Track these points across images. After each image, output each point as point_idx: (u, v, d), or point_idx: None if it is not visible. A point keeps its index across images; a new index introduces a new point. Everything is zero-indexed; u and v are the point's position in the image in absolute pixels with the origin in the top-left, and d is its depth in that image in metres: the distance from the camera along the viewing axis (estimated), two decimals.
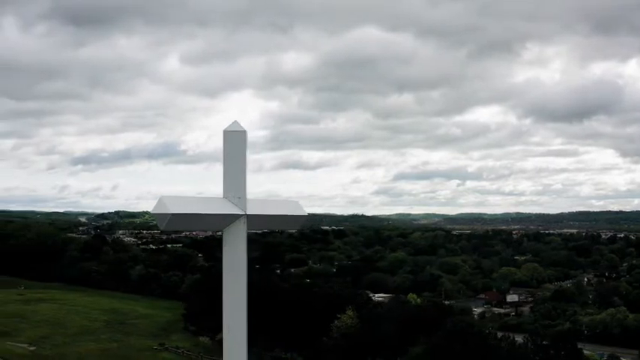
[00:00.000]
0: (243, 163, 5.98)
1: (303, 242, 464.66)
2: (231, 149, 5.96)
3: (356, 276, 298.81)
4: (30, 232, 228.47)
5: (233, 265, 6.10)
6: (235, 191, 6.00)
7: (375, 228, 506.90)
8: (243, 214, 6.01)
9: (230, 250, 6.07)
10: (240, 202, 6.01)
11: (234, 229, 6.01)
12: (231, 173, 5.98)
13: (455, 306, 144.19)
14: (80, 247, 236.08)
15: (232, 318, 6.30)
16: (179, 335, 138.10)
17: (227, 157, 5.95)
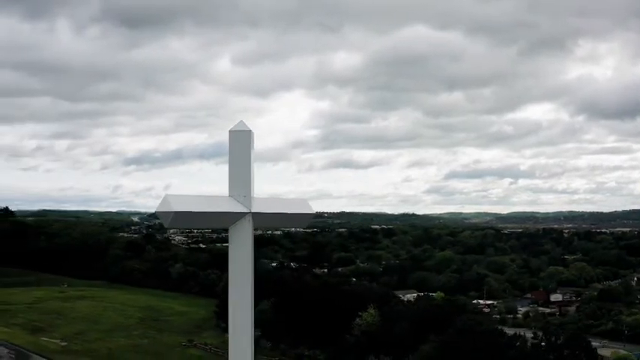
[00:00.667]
0: (248, 162, 6.04)
1: (352, 241, 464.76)
2: (237, 149, 6.06)
3: (402, 275, 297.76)
4: (74, 231, 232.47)
5: (239, 262, 6.20)
6: (241, 190, 6.07)
7: (425, 227, 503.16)
8: (248, 212, 6.09)
9: (236, 248, 6.19)
10: (245, 201, 6.07)
11: (240, 226, 6.11)
12: (236, 172, 6.07)
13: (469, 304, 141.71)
14: (123, 246, 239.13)
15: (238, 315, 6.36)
16: (210, 332, 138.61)
17: (232, 157, 6.07)
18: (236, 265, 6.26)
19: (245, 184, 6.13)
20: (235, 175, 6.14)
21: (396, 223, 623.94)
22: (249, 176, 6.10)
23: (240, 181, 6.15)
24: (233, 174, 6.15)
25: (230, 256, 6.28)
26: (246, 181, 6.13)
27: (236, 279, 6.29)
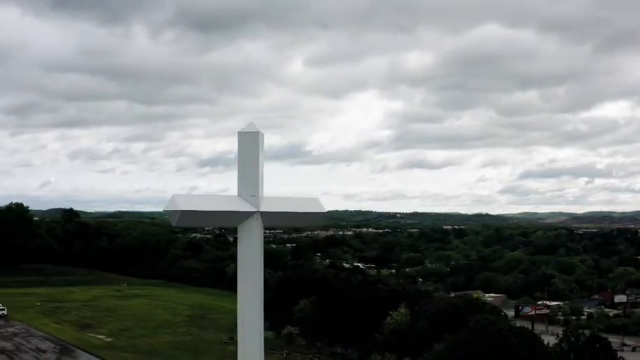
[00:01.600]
0: (256, 162, 6.14)
1: (422, 242, 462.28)
2: (246, 150, 6.15)
3: (469, 275, 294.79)
4: (135, 232, 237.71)
5: (248, 260, 6.26)
6: (249, 189, 6.15)
7: (497, 227, 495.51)
8: (256, 211, 6.16)
9: (245, 246, 6.25)
10: (254, 200, 6.15)
11: (248, 225, 6.19)
12: (245, 172, 6.15)
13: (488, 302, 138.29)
14: (183, 246, 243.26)
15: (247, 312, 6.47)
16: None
17: (241, 157, 6.16)
18: (245, 262, 6.33)
19: (253, 183, 6.20)
20: (244, 175, 6.23)
21: (469, 223, 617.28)
22: (257, 176, 6.18)
23: (248, 181, 6.23)
24: (242, 174, 6.24)
25: (239, 254, 6.35)
26: (254, 180, 6.20)
27: (245, 277, 6.38)
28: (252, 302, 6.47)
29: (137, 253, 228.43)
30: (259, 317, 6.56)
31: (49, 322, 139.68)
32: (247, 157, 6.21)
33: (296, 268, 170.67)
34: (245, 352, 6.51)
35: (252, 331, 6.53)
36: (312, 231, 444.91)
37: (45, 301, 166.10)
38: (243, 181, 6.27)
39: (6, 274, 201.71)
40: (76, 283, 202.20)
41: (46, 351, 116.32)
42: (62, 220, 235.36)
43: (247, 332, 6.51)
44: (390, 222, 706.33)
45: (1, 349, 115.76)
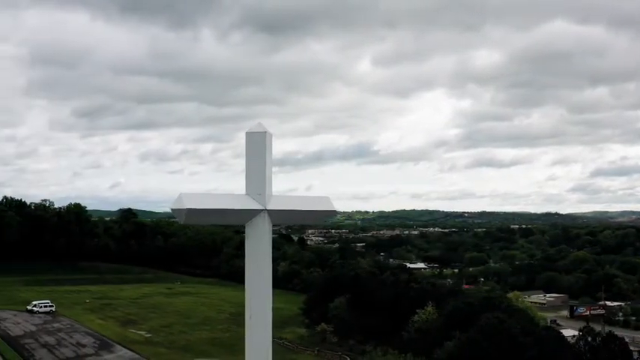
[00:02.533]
0: (263, 161, 6.26)
1: (487, 241, 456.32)
2: (253, 149, 6.30)
3: (530, 275, 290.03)
4: (190, 231, 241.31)
5: (255, 257, 6.38)
6: (257, 188, 6.27)
7: (564, 226, 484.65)
8: (263, 209, 6.27)
9: (252, 244, 6.36)
10: (261, 198, 6.26)
11: (256, 223, 6.30)
12: (252, 171, 6.28)
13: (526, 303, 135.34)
14: (236, 244, 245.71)
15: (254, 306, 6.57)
16: (292, 327, 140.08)
17: (249, 157, 6.30)
18: (253, 260, 6.43)
19: (260, 182, 6.28)
20: (251, 174, 6.32)
21: (538, 222, 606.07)
22: (264, 175, 6.27)
23: (255, 180, 6.31)
24: (249, 173, 6.33)
25: (247, 252, 6.43)
26: (261, 179, 6.29)
27: (253, 272, 6.48)
28: (260, 297, 6.58)
29: (191, 252, 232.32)
30: (266, 311, 6.67)
31: (94, 318, 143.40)
32: (255, 156, 6.32)
33: (338, 268, 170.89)
34: (252, 345, 6.63)
35: (259, 324, 6.60)
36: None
37: (95, 298, 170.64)
38: (251, 179, 6.35)
39: (63, 272, 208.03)
40: (130, 281, 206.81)
41: (86, 345, 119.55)
42: (120, 220, 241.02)
43: (254, 326, 6.56)
44: (458, 222, 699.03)
45: (43, 344, 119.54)
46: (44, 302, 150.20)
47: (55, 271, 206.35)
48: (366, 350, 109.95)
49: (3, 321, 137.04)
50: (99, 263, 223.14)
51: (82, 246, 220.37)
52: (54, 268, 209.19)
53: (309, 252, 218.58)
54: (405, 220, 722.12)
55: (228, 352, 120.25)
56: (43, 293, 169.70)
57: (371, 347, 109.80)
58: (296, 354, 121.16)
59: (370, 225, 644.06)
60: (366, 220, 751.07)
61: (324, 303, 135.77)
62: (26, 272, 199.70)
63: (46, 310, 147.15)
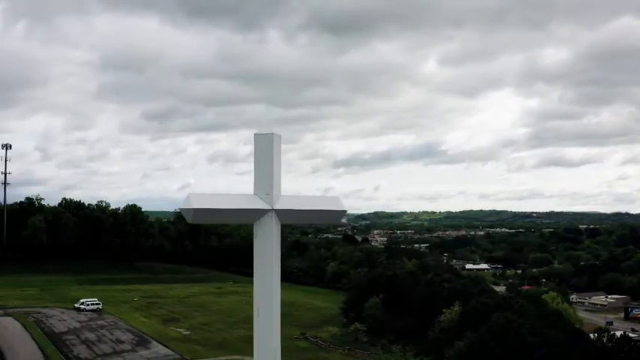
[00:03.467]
0: (270, 162, 6.41)
1: (552, 242, 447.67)
2: (261, 151, 6.44)
3: (593, 276, 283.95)
4: (243, 231, 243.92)
5: (263, 255, 6.63)
6: (264, 188, 6.41)
7: (632, 226, 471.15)
8: (271, 209, 6.41)
9: (260, 242, 6.59)
10: (268, 198, 6.39)
11: (264, 222, 6.47)
12: (260, 172, 6.43)
13: None
14: (289, 245, 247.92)
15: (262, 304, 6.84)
16: (331, 327, 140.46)
17: (258, 158, 6.46)
18: (261, 259, 6.65)
19: (268, 182, 6.41)
20: (260, 175, 6.45)
21: (608, 222, 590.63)
22: (271, 175, 6.40)
23: (263, 180, 6.43)
24: (257, 173, 6.47)
25: (255, 251, 6.63)
26: (268, 179, 6.41)
27: (261, 271, 6.73)
28: (268, 294, 6.79)
29: (244, 253, 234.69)
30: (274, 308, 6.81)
31: (138, 316, 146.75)
32: (262, 157, 6.43)
33: (380, 268, 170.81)
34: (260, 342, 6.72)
35: (267, 322, 6.74)
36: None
37: (144, 297, 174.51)
38: (259, 180, 6.45)
39: (118, 271, 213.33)
40: (182, 281, 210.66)
41: (124, 342, 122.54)
42: (175, 221, 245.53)
43: (262, 323, 6.74)
44: (525, 222, 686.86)
45: (84, 340, 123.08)
46: (91, 300, 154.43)
47: (110, 271, 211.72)
48: (392, 350, 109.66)
49: (50, 318, 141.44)
50: (154, 263, 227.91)
51: (137, 246, 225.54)
52: (109, 268, 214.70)
53: (359, 252, 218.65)
54: (472, 220, 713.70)
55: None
56: (94, 292, 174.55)
57: (397, 347, 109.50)
58: (327, 353, 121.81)
59: (437, 225, 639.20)
60: (433, 220, 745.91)
61: (361, 303, 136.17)
62: (81, 272, 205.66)
63: (93, 307, 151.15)
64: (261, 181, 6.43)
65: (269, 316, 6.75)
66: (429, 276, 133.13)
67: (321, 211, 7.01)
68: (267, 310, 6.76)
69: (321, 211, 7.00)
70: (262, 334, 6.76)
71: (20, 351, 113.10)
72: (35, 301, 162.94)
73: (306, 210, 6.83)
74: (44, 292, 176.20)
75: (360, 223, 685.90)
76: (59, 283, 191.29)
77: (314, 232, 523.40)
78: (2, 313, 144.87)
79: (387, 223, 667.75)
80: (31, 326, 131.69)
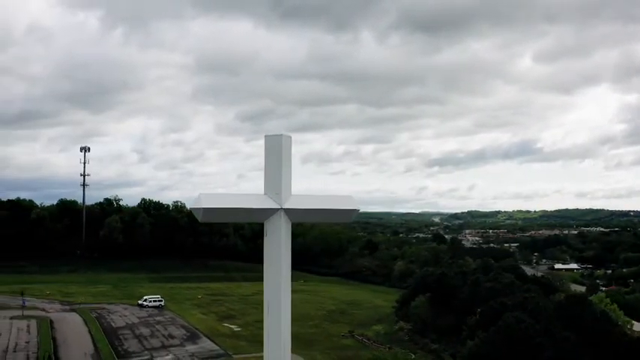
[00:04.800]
0: (280, 162, 6.54)
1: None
2: (271, 151, 6.56)
3: None
4: (315, 231, 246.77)
5: (273, 253, 6.66)
6: (274, 188, 6.51)
7: None
8: (280, 208, 6.51)
9: (270, 241, 6.65)
10: (278, 197, 6.49)
11: (273, 221, 6.57)
12: (270, 172, 6.54)
13: None
14: (361, 244, 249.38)
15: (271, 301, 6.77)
16: (382, 325, 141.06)
17: (268, 159, 6.56)
18: (270, 256, 6.69)
19: (277, 182, 6.52)
20: (270, 175, 6.56)
21: None
22: (280, 175, 6.51)
23: (273, 180, 6.54)
24: (268, 174, 6.57)
25: (265, 248, 6.70)
26: (277, 179, 6.52)
27: (270, 268, 6.73)
28: (276, 291, 6.73)
29: (316, 252, 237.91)
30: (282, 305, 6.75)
31: (197, 313, 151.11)
32: (272, 158, 6.56)
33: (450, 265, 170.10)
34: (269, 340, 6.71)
35: (276, 317, 6.69)
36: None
37: (209, 295, 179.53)
38: (269, 180, 6.56)
39: (191, 270, 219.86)
40: (253, 279, 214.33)
41: (175, 337, 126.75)
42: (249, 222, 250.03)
43: (271, 320, 6.70)
44: (622, 221, 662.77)
45: (137, 335, 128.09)
46: (154, 297, 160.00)
47: (183, 270, 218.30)
48: (432, 349, 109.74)
49: (112, 314, 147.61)
50: (227, 262, 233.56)
51: (210, 245, 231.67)
52: (183, 266, 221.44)
53: (426, 251, 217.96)
54: (568, 219, 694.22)
55: (303, 346, 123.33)
56: (163, 290, 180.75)
57: (436, 346, 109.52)
58: (369, 350, 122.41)
59: (530, 225, 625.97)
60: (528, 219, 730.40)
61: (410, 302, 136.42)
62: (155, 270, 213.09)
63: (155, 304, 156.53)
64: (271, 181, 6.52)
65: (278, 312, 6.64)
66: (476, 276, 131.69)
67: (332, 210, 7.04)
68: (277, 306, 6.65)
69: (331, 210, 7.03)
70: (272, 329, 6.63)
71: (73, 344, 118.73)
72: (104, 297, 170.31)
73: (316, 209, 6.88)
74: (116, 290, 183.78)
75: (453, 223, 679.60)
76: (132, 281, 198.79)
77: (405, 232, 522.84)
78: (68, 308, 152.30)
79: (480, 223, 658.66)
80: (91, 321, 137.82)
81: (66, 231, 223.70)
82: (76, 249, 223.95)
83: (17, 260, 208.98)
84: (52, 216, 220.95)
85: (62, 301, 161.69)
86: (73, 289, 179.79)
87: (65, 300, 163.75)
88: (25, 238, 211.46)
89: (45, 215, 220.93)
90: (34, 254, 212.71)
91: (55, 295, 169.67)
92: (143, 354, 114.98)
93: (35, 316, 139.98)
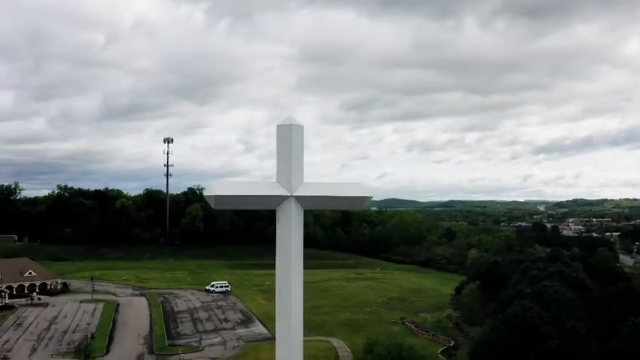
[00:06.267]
0: (290, 151, 6.66)
1: None
2: (282, 140, 6.72)
3: None
4: (395, 219, 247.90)
5: (284, 239, 6.78)
6: (285, 176, 6.64)
7: None
8: (289, 195, 6.61)
9: (281, 227, 6.74)
10: (288, 185, 6.62)
11: (284, 208, 6.64)
12: (282, 160, 6.69)
13: None
14: (441, 233, 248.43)
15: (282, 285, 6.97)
16: (437, 312, 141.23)
17: (280, 148, 6.71)
18: (282, 243, 6.82)
19: (288, 170, 6.66)
20: (281, 163, 6.70)
21: None
22: (291, 163, 6.66)
23: (284, 168, 6.67)
24: (280, 162, 6.71)
25: (277, 234, 6.80)
26: (288, 167, 6.66)
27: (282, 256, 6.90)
28: (287, 276, 6.93)
29: (395, 240, 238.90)
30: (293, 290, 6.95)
31: (259, 299, 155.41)
32: (283, 146, 6.71)
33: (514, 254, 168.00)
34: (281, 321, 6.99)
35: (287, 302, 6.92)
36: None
37: None
38: (281, 168, 6.70)
39: (271, 257, 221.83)
40: (329, 267, 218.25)
41: (230, 321, 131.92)
42: (330, 211, 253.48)
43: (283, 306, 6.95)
44: None
45: (195, 318, 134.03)
46: (221, 283, 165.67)
47: (262, 257, 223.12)
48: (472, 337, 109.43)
49: (178, 298, 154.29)
50: (305, 249, 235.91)
51: None
52: (262, 253, 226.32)
53: (499, 240, 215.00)
54: None
55: (351, 332, 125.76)
56: (237, 276, 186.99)
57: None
58: (413, 337, 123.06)
59: (638, 213, 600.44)
60: (635, 208, 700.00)
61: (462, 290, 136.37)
62: (234, 257, 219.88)
63: (222, 290, 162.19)
64: (283, 169, 6.68)
65: (288, 297, 6.87)
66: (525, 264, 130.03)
67: (342, 198, 7.08)
68: (287, 291, 6.89)
69: (342, 197, 7.08)
70: (282, 314, 6.92)
71: (131, 326, 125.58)
72: (176, 283, 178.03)
73: (327, 196, 6.95)
74: (191, 276, 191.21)
75: (558, 211, 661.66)
76: (211, 267, 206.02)
77: (507, 221, 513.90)
78: (138, 293, 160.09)
79: (586, 211, 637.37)
80: (155, 305, 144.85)
81: (150, 219, 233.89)
82: (159, 237, 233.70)
83: (101, 247, 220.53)
84: (137, 205, 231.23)
85: (135, 286, 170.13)
86: (150, 275, 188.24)
87: (138, 285, 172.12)
88: (110, 226, 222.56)
89: (129, 205, 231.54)
90: (118, 242, 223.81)
91: (130, 281, 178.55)
92: (193, 336, 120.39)
93: (104, 299, 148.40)
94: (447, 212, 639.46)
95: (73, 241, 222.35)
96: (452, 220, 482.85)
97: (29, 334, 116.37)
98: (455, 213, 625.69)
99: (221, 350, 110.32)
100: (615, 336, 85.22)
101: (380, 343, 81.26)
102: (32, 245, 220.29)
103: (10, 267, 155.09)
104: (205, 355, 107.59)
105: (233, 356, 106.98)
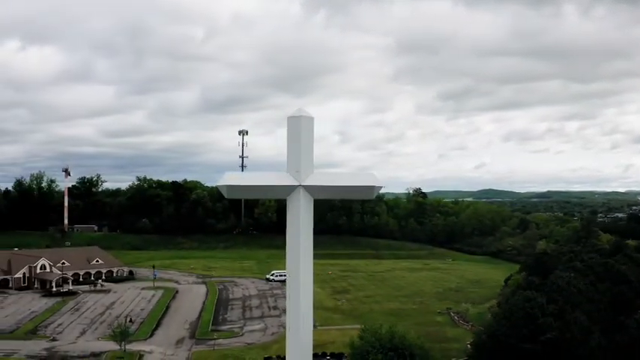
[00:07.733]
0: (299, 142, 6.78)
1: None
2: (293, 131, 6.81)
3: None
4: (470, 210, 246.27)
5: (293, 228, 6.82)
6: (295, 166, 6.78)
7: None
8: (299, 185, 6.75)
9: (291, 216, 6.81)
10: (297, 175, 6.76)
11: (294, 197, 6.75)
12: (292, 151, 6.81)
13: None
14: (515, 224, 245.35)
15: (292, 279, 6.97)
16: (486, 304, 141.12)
17: (290, 139, 6.80)
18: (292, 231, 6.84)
19: (297, 160, 6.79)
20: (291, 154, 6.82)
21: None
22: (300, 154, 6.78)
23: (294, 159, 6.79)
24: (290, 153, 6.83)
25: (287, 223, 6.84)
26: (297, 158, 6.79)
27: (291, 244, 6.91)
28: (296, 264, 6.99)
29: (468, 231, 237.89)
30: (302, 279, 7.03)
31: (315, 287, 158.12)
32: (293, 137, 6.84)
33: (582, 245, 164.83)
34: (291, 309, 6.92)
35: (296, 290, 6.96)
36: None
37: (341, 271, 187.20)
38: (291, 158, 6.84)
39: (342, 247, 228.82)
40: (400, 257, 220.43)
41: (278, 309, 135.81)
42: (405, 201, 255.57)
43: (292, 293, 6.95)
44: None
45: (246, 305, 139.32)
46: (281, 272, 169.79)
47: (334, 247, 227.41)
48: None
49: (236, 286, 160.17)
50: (378, 240, 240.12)
51: (362, 224, 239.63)
52: (334, 244, 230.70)
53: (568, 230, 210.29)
54: None
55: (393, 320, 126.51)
56: None
57: None
58: (452, 327, 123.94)
59: None
60: None
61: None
62: None
63: (281, 278, 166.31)
64: (292, 160, 6.82)
65: (297, 285, 6.99)
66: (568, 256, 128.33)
67: (352, 187, 7.15)
68: (296, 279, 7.00)
69: (351, 187, 7.14)
70: (292, 302, 6.98)
71: (182, 312, 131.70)
72: (241, 272, 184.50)
73: (336, 186, 7.07)
74: (258, 265, 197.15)
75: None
76: (279, 257, 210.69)
77: (605, 212, 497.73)
78: (200, 281, 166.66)
79: None
80: (212, 292, 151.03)
81: (224, 210, 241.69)
82: (233, 227, 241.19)
83: (177, 237, 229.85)
84: (212, 196, 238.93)
85: (199, 275, 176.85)
86: (219, 264, 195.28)
87: (203, 274, 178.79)
88: (186, 217, 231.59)
89: (204, 196, 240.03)
90: (193, 232, 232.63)
91: (197, 270, 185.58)
92: (238, 322, 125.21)
93: (165, 287, 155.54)
94: (543, 203, 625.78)
95: (150, 231, 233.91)
96: (547, 211, 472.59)
97: (83, 318, 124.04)
98: (552, 204, 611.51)
99: (259, 336, 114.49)
100: (620, 330, 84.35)
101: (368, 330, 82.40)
102: (110, 235, 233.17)
103: (79, 255, 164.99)
104: (243, 340, 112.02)
105: (269, 342, 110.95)
